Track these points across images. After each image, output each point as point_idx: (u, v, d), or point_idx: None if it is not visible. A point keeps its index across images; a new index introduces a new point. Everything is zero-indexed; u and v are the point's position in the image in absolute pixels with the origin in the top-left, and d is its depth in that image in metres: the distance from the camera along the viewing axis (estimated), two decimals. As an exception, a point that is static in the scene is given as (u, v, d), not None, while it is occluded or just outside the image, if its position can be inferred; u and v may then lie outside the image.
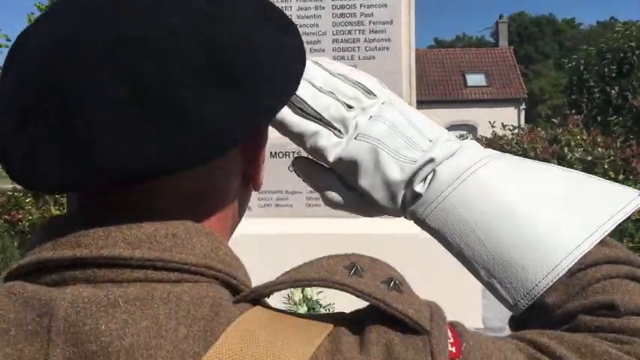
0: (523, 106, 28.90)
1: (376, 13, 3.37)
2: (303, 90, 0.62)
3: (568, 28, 54.42)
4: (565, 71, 20.59)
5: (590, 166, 7.35)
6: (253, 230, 2.82)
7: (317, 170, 0.67)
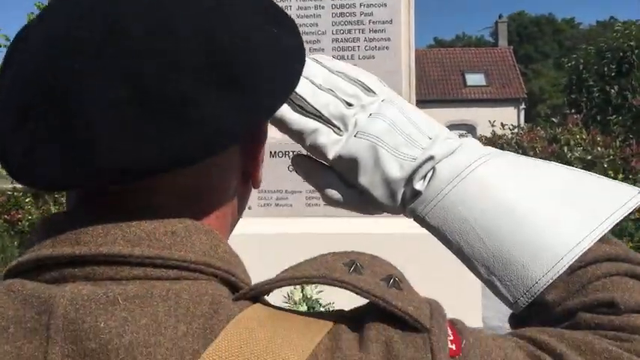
0: (522, 105, 28.88)
1: (376, 12, 3.37)
2: (302, 87, 0.62)
3: (567, 27, 54.39)
4: (564, 71, 20.57)
5: (590, 166, 7.36)
6: (253, 230, 2.81)
7: (316, 168, 0.67)
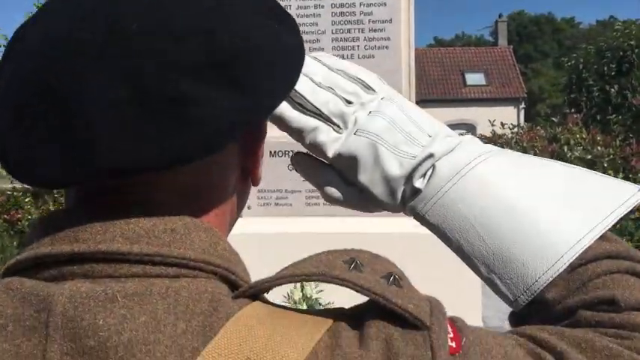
0: (522, 105, 28.88)
1: (375, 11, 3.36)
2: (302, 85, 0.62)
3: (567, 27, 54.39)
4: (564, 70, 20.57)
5: (590, 165, 7.35)
6: (253, 229, 2.81)
7: (316, 166, 0.67)
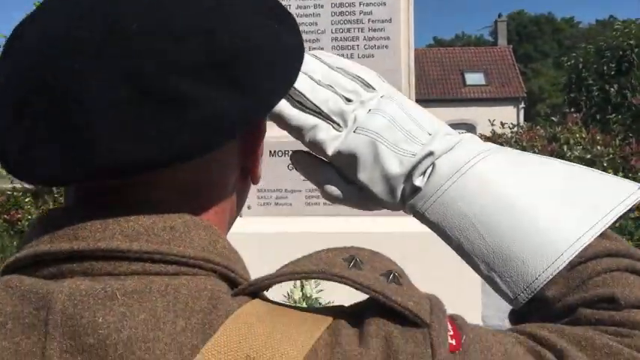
0: (522, 104, 28.86)
1: (375, 11, 3.36)
2: (301, 83, 0.62)
3: (567, 26, 54.37)
4: (564, 70, 20.58)
5: (589, 164, 7.35)
6: (252, 229, 2.81)
7: (316, 164, 0.67)
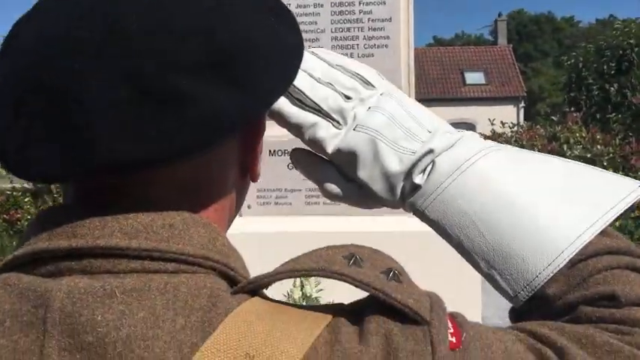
0: (522, 104, 28.89)
1: (375, 10, 3.36)
2: (301, 81, 0.62)
3: (567, 26, 54.39)
4: (564, 69, 20.57)
5: (589, 164, 7.31)
6: (252, 228, 2.81)
7: (315, 162, 0.67)
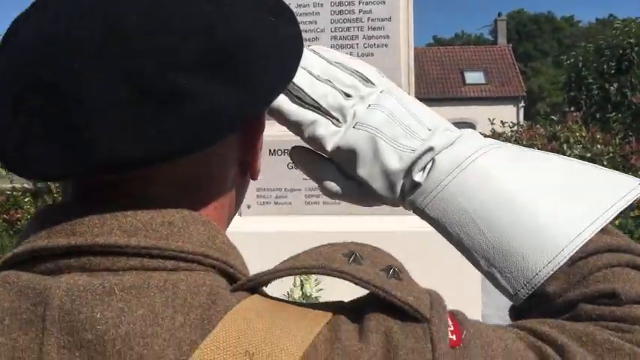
0: (522, 103, 28.90)
1: (375, 10, 3.35)
2: (300, 78, 0.62)
3: (567, 25, 54.39)
4: (564, 68, 20.56)
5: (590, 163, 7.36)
6: (252, 228, 2.81)
7: (315, 160, 0.66)
